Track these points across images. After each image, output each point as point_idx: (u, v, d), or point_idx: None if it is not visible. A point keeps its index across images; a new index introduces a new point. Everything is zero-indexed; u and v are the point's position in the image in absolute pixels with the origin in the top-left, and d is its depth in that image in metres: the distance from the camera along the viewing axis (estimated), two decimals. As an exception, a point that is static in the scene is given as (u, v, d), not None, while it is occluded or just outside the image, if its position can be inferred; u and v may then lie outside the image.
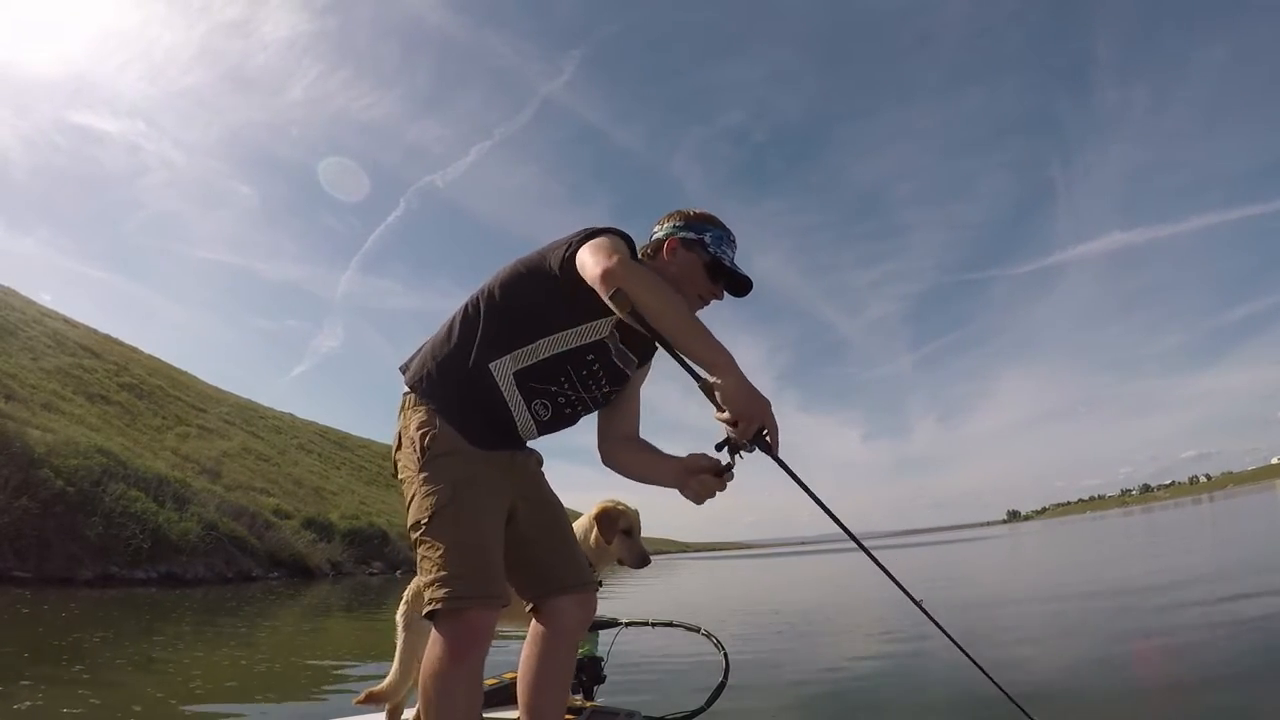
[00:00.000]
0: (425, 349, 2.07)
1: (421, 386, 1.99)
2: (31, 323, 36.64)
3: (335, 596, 17.75)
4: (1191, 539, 20.92)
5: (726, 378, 1.65)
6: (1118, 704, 4.19)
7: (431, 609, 1.76)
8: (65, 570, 15.36)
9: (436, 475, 1.87)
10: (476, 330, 1.98)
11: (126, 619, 10.65)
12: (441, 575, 1.77)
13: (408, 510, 1.92)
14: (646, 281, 1.72)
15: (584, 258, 1.81)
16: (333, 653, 7.93)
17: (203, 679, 5.80)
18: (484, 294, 2.03)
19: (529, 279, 1.97)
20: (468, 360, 1.95)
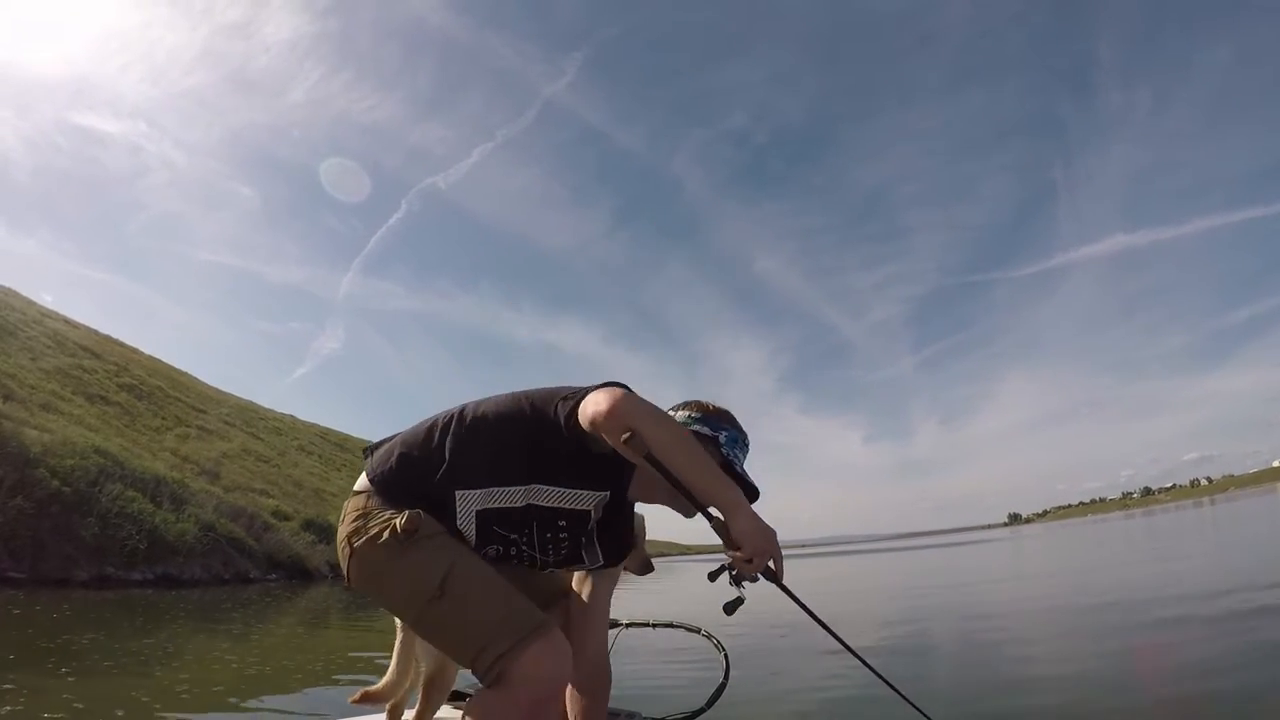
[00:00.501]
0: (397, 444, 1.96)
1: (383, 489, 1.89)
2: (31, 323, 36.64)
3: (333, 598, 17.65)
4: (1192, 543, 20.82)
5: (739, 518, 1.66)
6: (1118, 710, 4.14)
7: (494, 675, 1.70)
8: (61, 571, 15.23)
9: (423, 555, 1.79)
10: (461, 450, 1.88)
11: (119, 620, 10.54)
12: (478, 638, 1.72)
13: (402, 612, 1.89)
14: (658, 420, 1.70)
15: (592, 400, 1.76)
16: (327, 655, 7.81)
17: (190, 682, 5.68)
18: (479, 416, 1.93)
19: (533, 421, 1.88)
20: (435, 474, 1.86)
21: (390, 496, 1.85)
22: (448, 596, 1.74)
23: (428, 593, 1.75)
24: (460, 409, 1.97)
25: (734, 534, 1.66)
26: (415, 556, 1.78)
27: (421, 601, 1.77)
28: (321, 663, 7.02)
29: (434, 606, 1.75)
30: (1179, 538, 23.63)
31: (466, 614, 1.74)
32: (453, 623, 1.76)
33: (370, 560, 1.81)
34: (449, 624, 1.77)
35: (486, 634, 1.71)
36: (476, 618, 1.74)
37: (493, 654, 1.68)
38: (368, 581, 1.86)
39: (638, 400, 1.74)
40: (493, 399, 1.98)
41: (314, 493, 37.46)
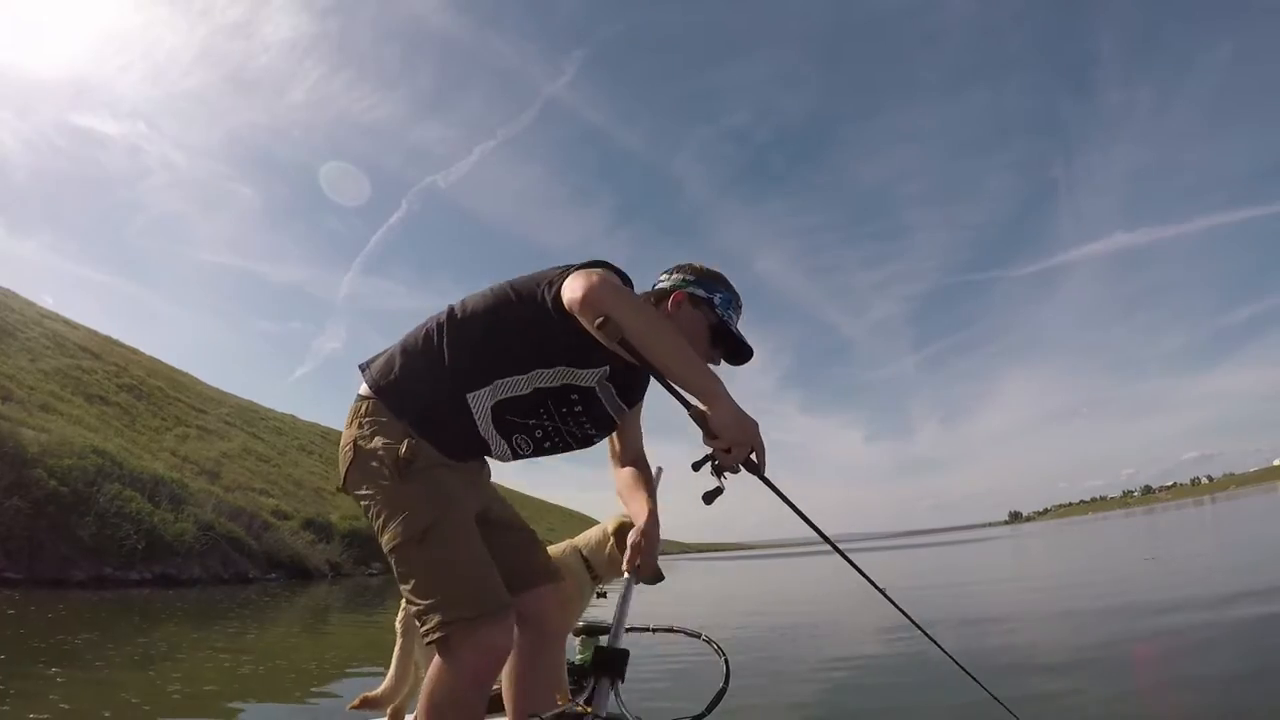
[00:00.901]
0: (395, 355, 1.94)
1: (390, 398, 1.87)
2: (31, 324, 36.59)
3: (333, 598, 17.57)
4: (1194, 542, 20.78)
5: (717, 407, 1.59)
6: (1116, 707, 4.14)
7: (438, 635, 1.68)
8: (57, 571, 15.13)
9: (417, 492, 1.78)
10: (459, 353, 1.87)
11: (115, 621, 10.46)
12: (441, 598, 1.70)
13: (380, 531, 1.80)
14: (634, 307, 1.65)
15: (568, 285, 1.73)
16: (322, 656, 7.72)
17: (182, 683, 5.60)
18: (469, 314, 1.91)
19: (520, 308, 1.86)
20: (445, 385, 1.86)
21: (398, 405, 1.85)
22: (427, 545, 1.73)
23: (409, 533, 1.74)
24: (449, 309, 1.95)
25: (713, 425, 1.59)
26: (408, 490, 1.77)
27: (400, 537, 1.75)
28: (316, 664, 6.94)
29: (410, 548, 1.74)
30: (1181, 536, 23.55)
31: (437, 569, 1.73)
32: (421, 571, 1.74)
33: (366, 472, 1.82)
34: (417, 571, 1.74)
35: (448, 596, 1.69)
36: (445, 575, 1.72)
37: (446, 616, 1.67)
38: (356, 489, 1.86)
39: (612, 284, 1.69)
40: (479, 294, 1.95)
41: (314, 492, 37.39)
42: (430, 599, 1.70)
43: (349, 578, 26.45)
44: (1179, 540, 21.57)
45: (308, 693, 5.57)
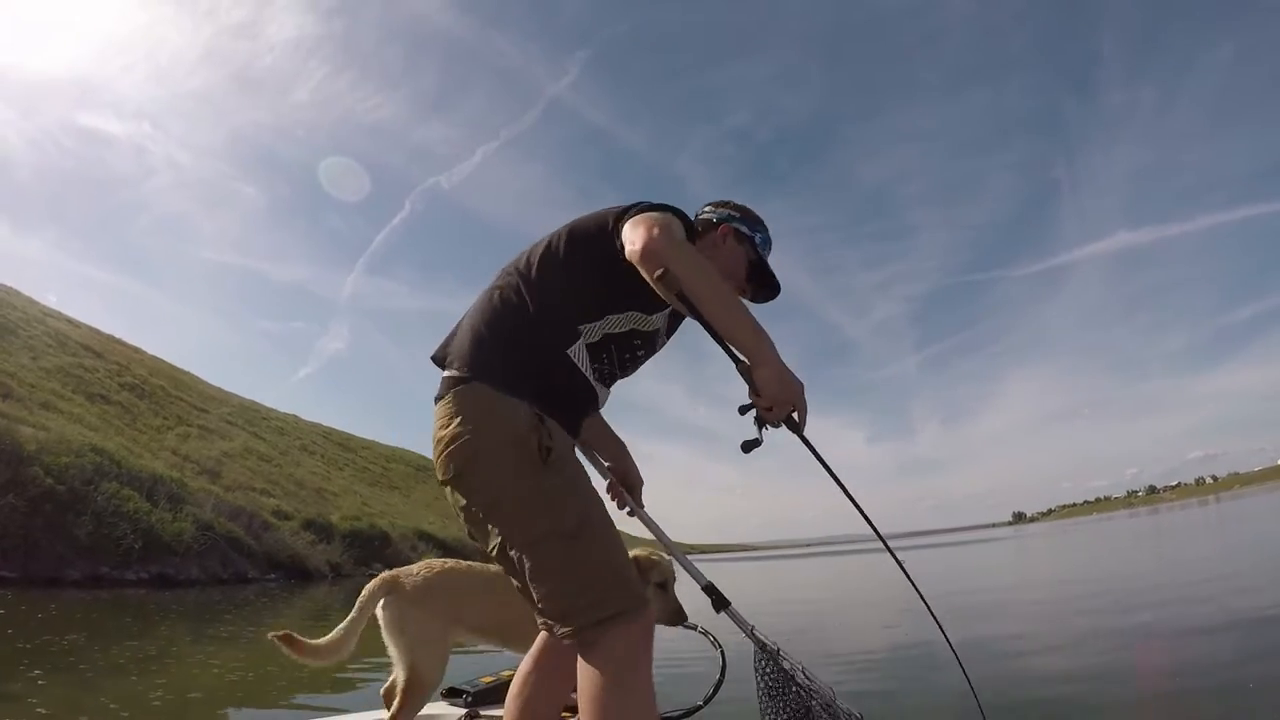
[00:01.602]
0: (478, 330, 1.83)
1: (495, 377, 1.76)
2: (33, 322, 36.58)
3: (331, 599, 17.35)
4: (1198, 541, 20.58)
5: (763, 366, 1.65)
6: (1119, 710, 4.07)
7: (590, 633, 1.65)
8: (53, 570, 15.00)
9: (563, 482, 1.73)
10: (547, 309, 1.82)
11: (106, 621, 10.29)
12: (597, 595, 1.66)
13: (512, 526, 1.74)
14: (694, 262, 1.67)
15: (629, 232, 1.74)
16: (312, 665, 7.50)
17: (166, 688, 5.41)
18: (543, 265, 1.86)
19: (596, 247, 1.85)
20: (546, 347, 1.81)
21: (509, 383, 1.75)
22: (580, 540, 1.68)
23: (559, 527, 1.67)
24: (516, 267, 1.90)
25: (757, 382, 1.66)
26: (553, 482, 1.70)
27: (547, 532, 1.67)
28: (308, 668, 6.71)
29: (560, 543, 1.67)
30: (1189, 537, 23.30)
31: (591, 565, 1.68)
32: (572, 568, 1.68)
33: (496, 467, 1.71)
34: (567, 567, 1.68)
35: (604, 592, 1.66)
36: (600, 571, 1.68)
37: (601, 614, 1.63)
38: (482, 487, 1.74)
39: (671, 235, 1.70)
40: (540, 246, 1.91)
41: (316, 492, 37.30)
42: (582, 596, 1.65)
43: (349, 578, 26.26)
44: (1187, 540, 21.31)
45: (296, 700, 5.39)
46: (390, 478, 53.06)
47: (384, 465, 55.36)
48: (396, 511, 41.70)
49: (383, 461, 56.19)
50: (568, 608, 1.66)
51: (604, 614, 1.63)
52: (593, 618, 1.63)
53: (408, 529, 36.41)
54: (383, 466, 54.73)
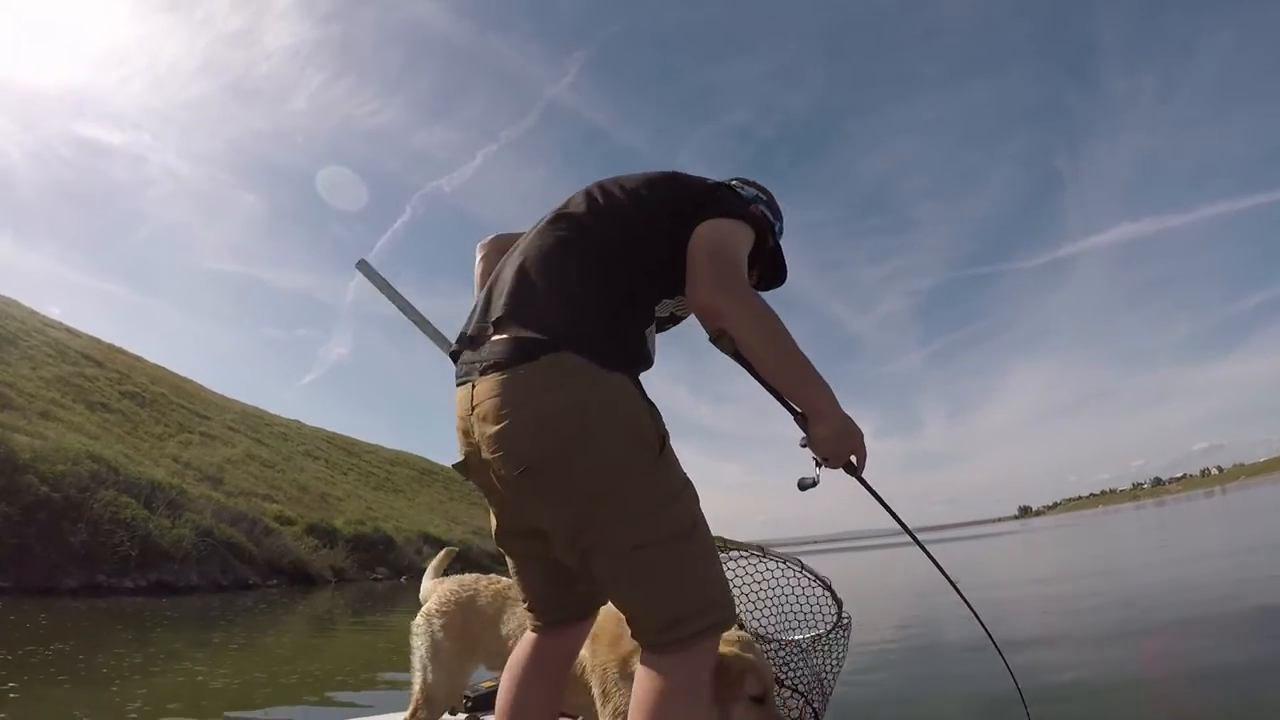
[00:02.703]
0: (572, 291, 1.53)
1: (596, 347, 1.46)
2: (33, 332, 36.49)
3: (334, 605, 17.11)
4: (1203, 532, 20.37)
5: (824, 425, 1.58)
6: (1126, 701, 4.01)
7: (697, 642, 1.45)
8: (47, 579, 14.77)
9: (676, 474, 1.51)
10: (644, 275, 1.60)
11: (96, 631, 10.00)
12: (710, 599, 1.48)
13: (633, 519, 1.43)
14: (761, 322, 1.52)
15: (703, 255, 1.55)
16: (306, 668, 7.22)
17: (145, 699, 5.13)
18: (632, 226, 1.63)
19: (676, 224, 1.62)
20: (639, 320, 1.59)
21: (606, 357, 1.46)
22: (695, 541, 1.48)
23: (678, 526, 1.46)
24: (600, 223, 1.63)
25: (814, 440, 1.58)
26: (669, 477, 1.49)
27: (667, 535, 1.44)
28: (298, 676, 6.44)
29: (677, 545, 1.45)
30: (1195, 529, 23.04)
31: (704, 568, 1.49)
32: (688, 569, 1.46)
33: (607, 451, 1.42)
34: (685, 571, 1.46)
35: (717, 598, 1.49)
36: (714, 573, 1.52)
37: (711, 620, 1.46)
38: (588, 481, 1.42)
39: (739, 293, 1.52)
40: (628, 206, 1.66)
41: (319, 497, 37.14)
42: (694, 602, 1.45)
43: (353, 583, 26.04)
44: (1196, 532, 21.03)
45: (277, 710, 5.11)
46: (394, 481, 52.93)
47: (388, 469, 55.20)
48: (401, 515, 41.55)
49: (387, 465, 56.04)
50: (680, 614, 1.44)
51: (710, 621, 1.46)
52: (700, 625, 1.45)
53: (412, 533, 36.23)
54: (387, 470, 54.59)
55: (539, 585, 1.71)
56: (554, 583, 1.68)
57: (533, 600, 1.73)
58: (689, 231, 1.59)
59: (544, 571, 1.67)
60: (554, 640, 1.74)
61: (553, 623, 1.73)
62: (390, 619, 12.85)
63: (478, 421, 1.47)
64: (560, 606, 1.72)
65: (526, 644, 1.75)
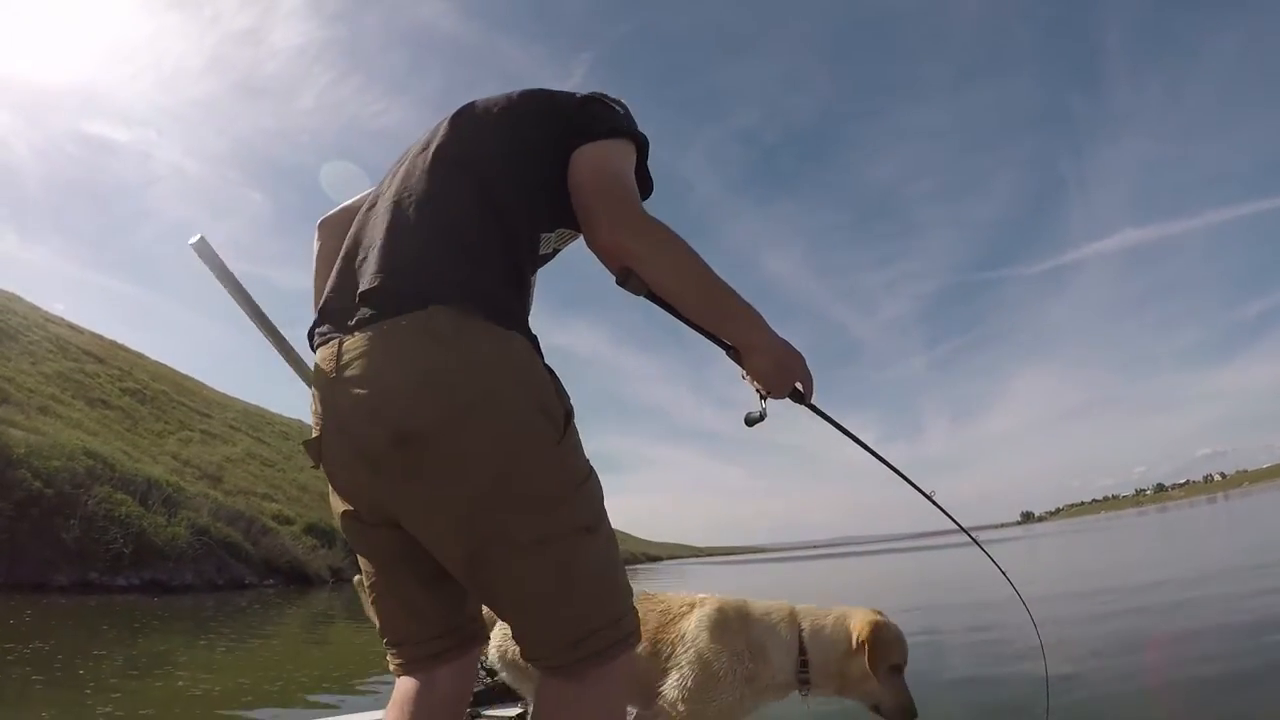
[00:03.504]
0: (457, 239, 1.25)
1: (481, 301, 1.19)
2: (34, 328, 36.44)
3: (330, 605, 16.85)
4: (1207, 539, 20.29)
5: (759, 354, 1.37)
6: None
7: (605, 654, 1.19)
8: (38, 576, 14.51)
9: (579, 459, 1.26)
10: (514, 212, 1.31)
11: (83, 629, 9.75)
12: (617, 606, 1.24)
13: (532, 507, 1.16)
14: (674, 255, 1.30)
15: (594, 186, 1.32)
16: (292, 672, 6.94)
17: (118, 704, 4.89)
18: (499, 156, 1.35)
19: (551, 148, 1.38)
20: (521, 264, 1.31)
21: (498, 310, 1.20)
22: (600, 537, 1.23)
23: (582, 521, 1.21)
24: (461, 158, 1.34)
25: (752, 371, 1.40)
26: (575, 459, 1.24)
27: (568, 524, 1.18)
28: (282, 683, 6.16)
29: (581, 542, 1.19)
30: (1195, 535, 22.80)
31: (611, 567, 1.25)
32: (592, 571, 1.21)
33: (505, 430, 1.15)
34: (592, 573, 1.21)
35: (622, 605, 1.24)
36: (619, 576, 1.27)
37: (620, 633, 1.21)
38: (482, 459, 1.13)
39: (640, 225, 1.29)
40: (491, 135, 1.39)
41: (320, 496, 36.89)
42: (602, 612, 1.21)
43: (350, 583, 25.75)
44: (1202, 538, 20.76)
45: (259, 715, 4.87)
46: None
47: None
48: (402, 515, 41.43)
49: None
50: (593, 623, 1.19)
51: (628, 628, 1.23)
52: (617, 634, 1.21)
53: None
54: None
55: (408, 600, 1.34)
56: (430, 595, 1.33)
57: (398, 623, 1.36)
58: (567, 154, 1.36)
59: (415, 580, 1.32)
60: (433, 686, 1.34)
61: (429, 655, 1.35)
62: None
63: (341, 384, 1.18)
64: (439, 630, 1.35)
65: (401, 700, 1.35)
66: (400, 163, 1.43)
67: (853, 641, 1.93)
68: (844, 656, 1.94)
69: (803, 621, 1.99)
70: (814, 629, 1.97)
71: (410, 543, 1.24)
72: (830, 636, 1.95)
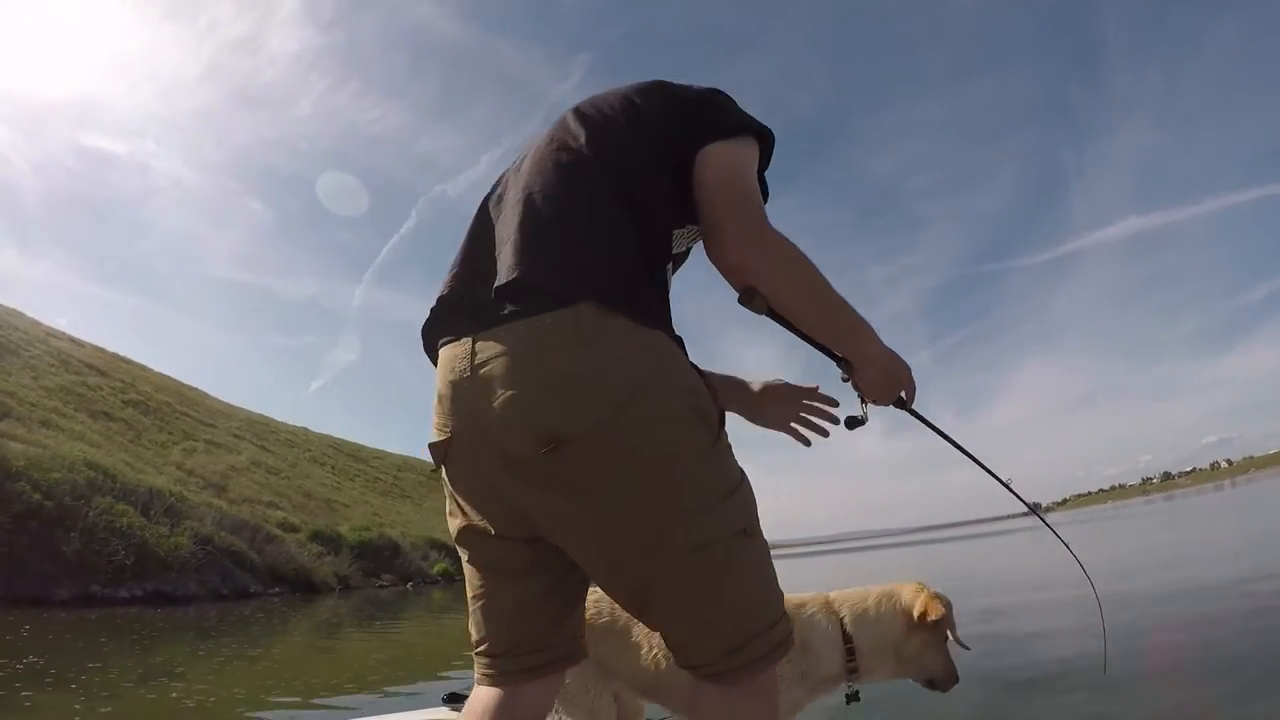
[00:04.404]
0: (581, 228, 1.21)
1: (633, 302, 1.15)
2: (35, 342, 36.46)
3: (337, 613, 16.69)
4: (1213, 526, 20.15)
5: (871, 367, 1.38)
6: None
7: (763, 659, 1.17)
8: (38, 589, 14.39)
9: (733, 461, 1.23)
10: (652, 209, 1.25)
11: (79, 642, 9.58)
12: (776, 609, 1.23)
13: (694, 508, 1.12)
14: (801, 275, 1.26)
15: (723, 198, 1.24)
16: (288, 683, 6.75)
17: (109, 716, 4.74)
18: (632, 148, 1.28)
19: (674, 141, 1.30)
20: (656, 263, 1.26)
21: (643, 310, 1.16)
22: (758, 540, 1.21)
23: (739, 520, 1.18)
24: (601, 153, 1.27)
25: (863, 386, 1.42)
26: (730, 462, 1.21)
27: (727, 529, 1.15)
28: (280, 690, 6.02)
29: (739, 544, 1.16)
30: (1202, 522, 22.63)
31: (765, 572, 1.23)
32: (751, 573, 1.19)
33: (666, 429, 1.11)
34: (746, 575, 1.18)
35: (777, 611, 1.22)
36: (774, 580, 1.25)
37: (775, 639, 1.18)
38: (639, 458, 1.09)
39: (774, 245, 1.23)
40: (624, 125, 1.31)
41: (325, 503, 36.91)
42: (762, 616, 1.19)
43: (358, 590, 25.66)
44: (1201, 526, 20.58)
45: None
46: (402, 487, 52.65)
47: (395, 475, 54.93)
48: (408, 521, 41.31)
49: (394, 471, 55.77)
50: (751, 630, 1.17)
51: (782, 636, 1.20)
52: (771, 642, 1.18)
53: (419, 538, 35.93)
54: (394, 476, 54.34)
55: (515, 614, 1.29)
56: (538, 611, 1.29)
57: (500, 636, 1.31)
58: (694, 151, 1.27)
59: (527, 594, 1.28)
60: (518, 701, 1.30)
61: (523, 669, 1.30)
62: (391, 626, 12.47)
63: (480, 385, 1.12)
64: (538, 645, 1.30)
65: (482, 710, 1.31)
66: (523, 156, 1.38)
67: (913, 617, 1.88)
68: (900, 636, 1.89)
69: (841, 609, 1.93)
70: (856, 615, 1.90)
71: (532, 557, 1.24)
72: (877, 619, 1.90)
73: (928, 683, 1.96)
